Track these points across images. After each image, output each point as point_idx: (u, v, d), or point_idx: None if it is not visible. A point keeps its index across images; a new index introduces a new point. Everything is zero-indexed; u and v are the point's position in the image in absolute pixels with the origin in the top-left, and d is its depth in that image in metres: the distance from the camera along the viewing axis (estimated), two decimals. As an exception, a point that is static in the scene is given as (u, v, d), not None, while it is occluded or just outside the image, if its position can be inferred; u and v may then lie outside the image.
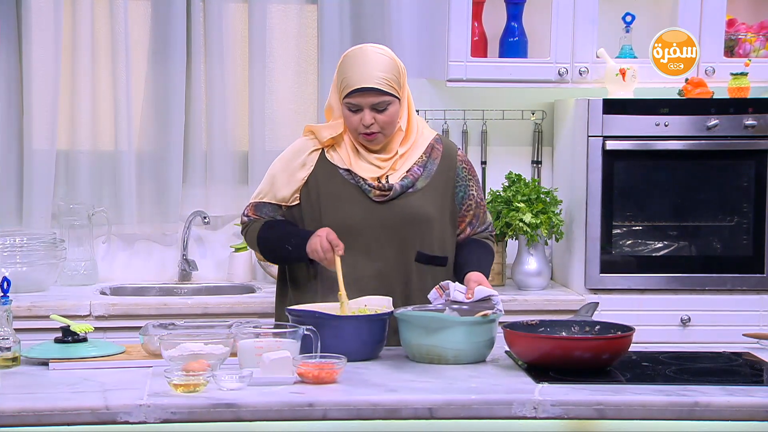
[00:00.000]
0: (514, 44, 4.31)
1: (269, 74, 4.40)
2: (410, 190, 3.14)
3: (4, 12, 4.22)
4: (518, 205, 4.14)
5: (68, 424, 2.44)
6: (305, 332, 2.78)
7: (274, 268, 4.34)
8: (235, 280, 4.41)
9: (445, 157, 3.20)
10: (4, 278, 2.81)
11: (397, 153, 3.14)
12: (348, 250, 3.04)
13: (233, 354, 2.75)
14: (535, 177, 4.50)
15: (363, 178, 3.12)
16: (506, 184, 4.25)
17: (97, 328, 3.26)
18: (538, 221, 4.12)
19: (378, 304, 3.05)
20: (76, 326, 2.89)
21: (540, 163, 4.53)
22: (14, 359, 2.76)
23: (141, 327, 3.00)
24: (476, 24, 4.31)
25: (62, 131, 4.33)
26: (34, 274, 4.09)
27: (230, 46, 4.38)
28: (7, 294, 2.78)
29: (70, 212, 4.32)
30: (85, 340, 2.88)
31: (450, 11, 4.17)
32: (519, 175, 4.25)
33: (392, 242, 3.12)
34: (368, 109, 3.06)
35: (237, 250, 4.43)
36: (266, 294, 4.19)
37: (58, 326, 2.92)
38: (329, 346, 2.79)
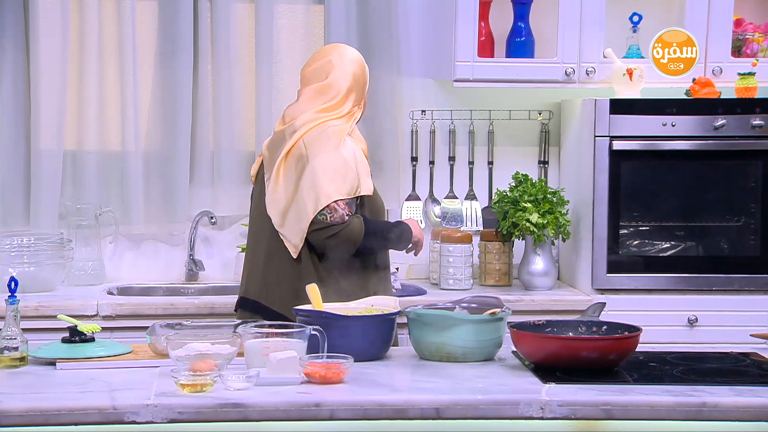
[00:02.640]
0: (520, 44, 4.31)
1: (276, 74, 4.40)
2: None
3: (12, 13, 4.22)
4: (525, 205, 4.14)
5: (75, 424, 2.45)
6: (312, 332, 2.78)
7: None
8: (242, 280, 4.41)
9: None
10: (12, 278, 2.82)
11: None
12: None
13: (240, 354, 2.75)
14: (542, 177, 4.49)
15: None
16: (513, 184, 4.25)
17: (104, 328, 3.26)
18: (545, 221, 4.12)
19: (384, 303, 3.05)
20: (84, 326, 2.89)
21: (547, 163, 4.53)
22: (22, 359, 2.77)
23: (148, 327, 3.00)
24: (483, 24, 4.31)
25: (69, 132, 4.33)
26: (41, 274, 4.09)
27: (237, 46, 4.38)
28: (15, 294, 2.79)
29: (77, 212, 4.32)
30: (92, 340, 2.88)
31: (457, 11, 4.17)
32: (526, 176, 4.25)
33: None
34: None
35: (243, 250, 4.42)
36: (273, 294, 4.19)
37: (65, 326, 2.92)
38: (336, 345, 2.79)
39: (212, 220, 4.41)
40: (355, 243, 3.34)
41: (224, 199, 4.44)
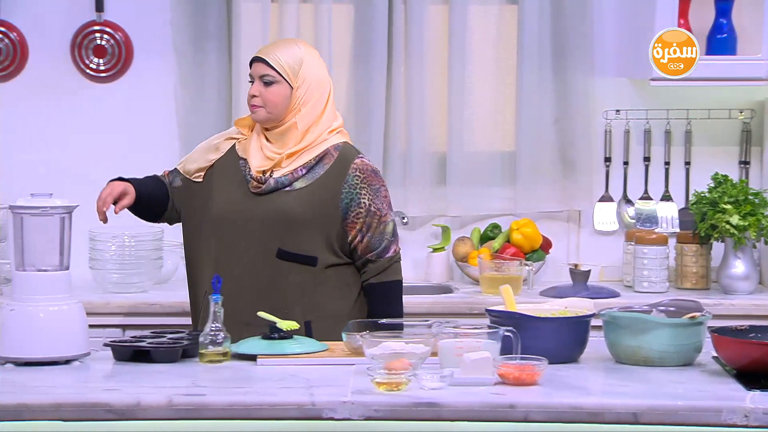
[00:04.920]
0: (722, 41, 4.19)
1: (468, 75, 4.40)
2: (287, 188, 3.18)
3: (215, 19, 4.36)
4: (725, 206, 4.02)
5: (276, 419, 2.50)
6: (505, 333, 2.76)
7: (472, 269, 4.35)
8: (433, 280, 4.44)
9: (337, 163, 3.22)
10: (215, 276, 2.91)
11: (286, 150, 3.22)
12: (221, 238, 3.18)
13: (433, 354, 2.76)
14: (743, 178, 4.35)
15: (250, 168, 3.21)
16: (712, 185, 4.14)
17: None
18: (746, 223, 3.99)
19: (579, 305, 3.01)
20: (283, 323, 2.96)
21: (748, 163, 4.38)
22: (224, 354, 2.85)
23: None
24: (682, 21, 4.21)
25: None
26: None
27: (430, 47, 4.40)
28: (218, 291, 2.88)
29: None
30: (290, 337, 2.94)
31: (656, 9, 4.09)
32: (726, 176, 4.13)
33: (255, 235, 3.17)
34: (258, 80, 3.22)
35: (435, 250, 4.46)
36: (464, 294, 4.20)
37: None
38: (529, 347, 2.77)
39: (404, 221, 4.45)
40: None
41: (415, 200, 4.47)
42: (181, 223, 3.35)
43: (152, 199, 3.31)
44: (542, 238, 4.39)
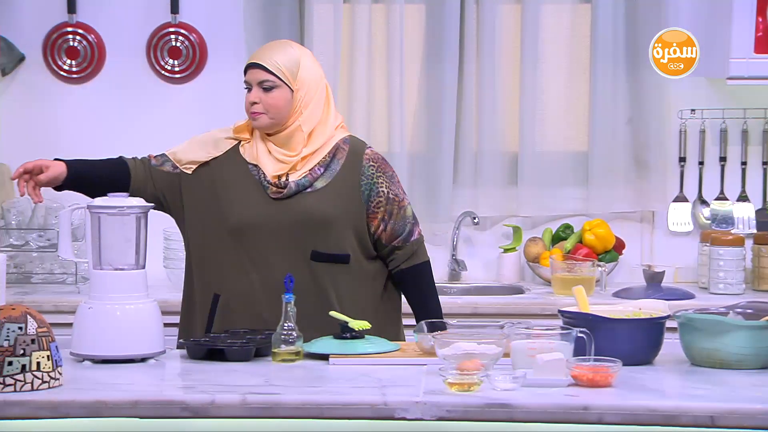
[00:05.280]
0: (801, 39, 4.14)
1: (541, 75, 4.38)
2: (308, 189, 3.12)
3: (288, 21, 4.39)
4: (804, 207, 3.96)
5: (348, 418, 2.50)
6: (578, 334, 2.74)
7: (544, 270, 4.33)
8: (504, 280, 4.43)
9: (350, 157, 3.17)
10: (288, 276, 2.92)
11: (299, 153, 3.13)
12: (243, 244, 3.11)
13: (506, 354, 2.75)
14: (823, 178, 4.29)
15: (265, 174, 3.12)
16: (790, 185, 4.08)
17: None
18: (826, 224, 3.93)
19: (653, 307, 2.98)
20: (354, 323, 2.97)
21: (829, 163, 4.32)
22: (297, 353, 2.86)
23: (413, 326, 3.05)
24: (760, 19, 4.15)
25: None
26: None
27: (502, 47, 4.39)
28: (291, 291, 2.89)
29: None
30: (362, 336, 2.95)
31: (733, 7, 4.04)
32: (805, 176, 4.07)
33: (285, 240, 3.11)
34: (256, 86, 3.13)
35: (506, 251, 4.44)
36: (535, 295, 4.19)
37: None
38: (602, 348, 2.74)
39: (475, 221, 4.45)
40: None
41: (487, 200, 4.47)
42: (173, 218, 3.26)
43: (98, 178, 3.20)
44: (615, 238, 4.36)
